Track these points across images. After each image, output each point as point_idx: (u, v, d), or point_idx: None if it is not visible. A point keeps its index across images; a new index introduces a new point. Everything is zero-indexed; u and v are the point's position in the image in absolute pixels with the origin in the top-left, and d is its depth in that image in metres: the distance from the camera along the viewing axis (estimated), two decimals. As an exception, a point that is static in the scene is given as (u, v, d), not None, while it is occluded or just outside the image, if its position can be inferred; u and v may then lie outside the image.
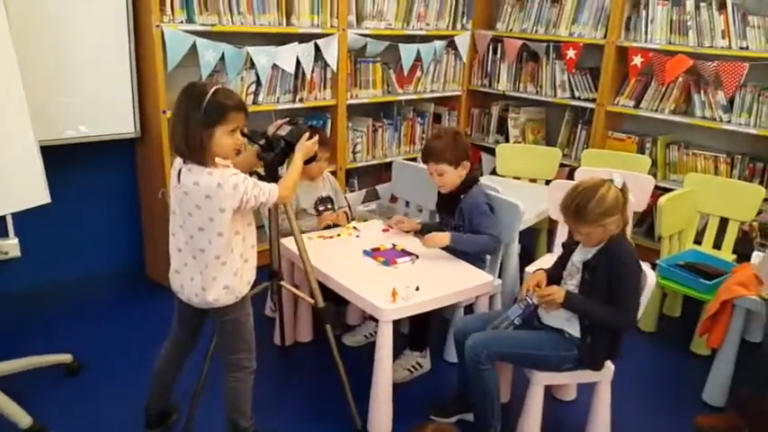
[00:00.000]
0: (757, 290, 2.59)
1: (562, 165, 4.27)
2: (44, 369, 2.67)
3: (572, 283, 2.31)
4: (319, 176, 3.16)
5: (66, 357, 2.73)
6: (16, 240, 3.27)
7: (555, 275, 2.40)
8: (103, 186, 3.59)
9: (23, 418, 2.33)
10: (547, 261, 3.00)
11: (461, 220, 2.85)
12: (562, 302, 2.23)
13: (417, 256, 2.74)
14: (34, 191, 2.60)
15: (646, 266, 2.34)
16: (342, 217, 3.11)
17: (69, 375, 2.74)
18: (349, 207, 3.29)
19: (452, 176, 2.81)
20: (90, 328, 3.14)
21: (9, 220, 3.20)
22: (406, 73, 4.27)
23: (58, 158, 2.93)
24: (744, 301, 2.60)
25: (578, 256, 2.31)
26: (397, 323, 2.43)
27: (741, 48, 3.59)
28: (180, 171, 1.99)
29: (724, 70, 3.60)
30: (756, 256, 2.88)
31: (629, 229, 3.58)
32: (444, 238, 2.75)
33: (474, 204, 2.81)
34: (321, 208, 3.12)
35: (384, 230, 3.03)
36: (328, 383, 2.64)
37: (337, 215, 3.10)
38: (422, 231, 2.91)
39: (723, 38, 3.63)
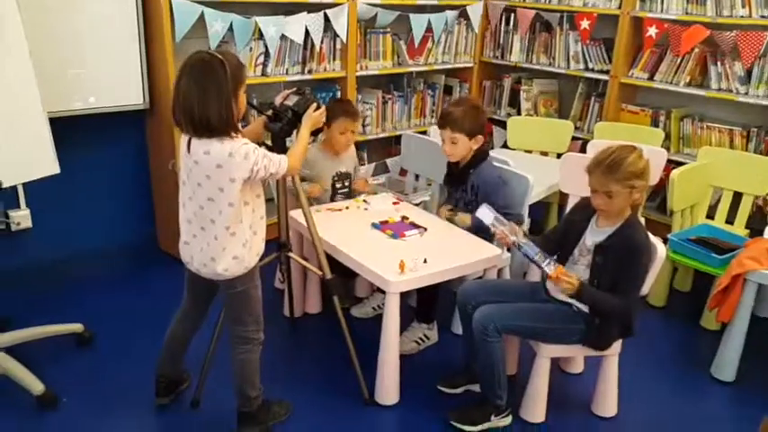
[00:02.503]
0: (769, 264, 2.56)
1: (574, 138, 4.22)
2: (56, 338, 2.71)
3: (582, 263, 2.29)
4: (345, 150, 3.11)
5: (77, 327, 2.77)
6: (27, 211, 3.30)
7: (565, 248, 2.36)
8: (114, 158, 3.59)
9: (36, 386, 2.37)
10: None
11: (474, 196, 2.84)
12: (573, 294, 2.17)
13: (426, 229, 2.73)
14: (44, 161, 2.61)
15: (656, 239, 2.32)
16: (361, 184, 3.16)
17: (81, 345, 2.77)
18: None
19: (464, 147, 2.79)
20: (101, 298, 3.17)
21: (20, 191, 3.23)
22: (416, 44, 4.21)
23: (68, 130, 2.94)
24: (756, 275, 2.57)
25: (590, 239, 2.28)
26: (404, 296, 2.44)
27: (762, 16, 3.49)
28: (190, 140, 1.98)
29: (743, 40, 3.51)
30: (770, 231, 2.85)
31: (641, 203, 3.57)
32: (467, 220, 2.79)
33: (489, 182, 2.79)
34: (338, 185, 3.10)
35: (394, 203, 3.03)
36: (336, 355, 2.66)
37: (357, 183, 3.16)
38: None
39: (743, 6, 3.53)
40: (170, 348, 2.38)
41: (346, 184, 3.12)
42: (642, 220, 3.46)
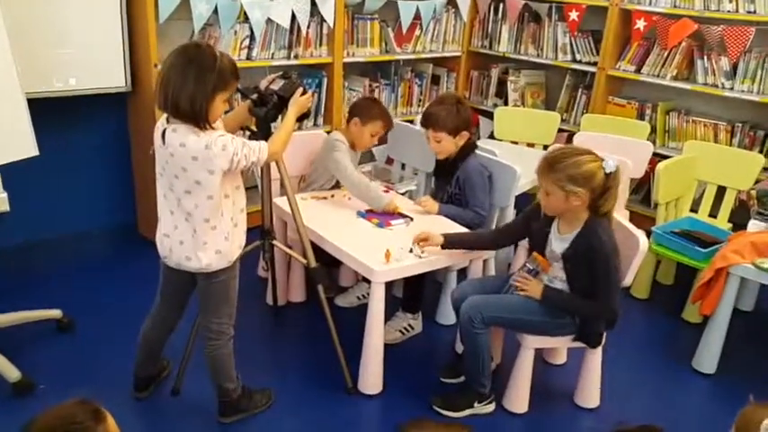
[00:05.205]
0: (752, 258, 2.58)
1: (561, 129, 4.21)
2: (34, 324, 2.66)
3: (558, 265, 2.29)
4: (365, 149, 3.09)
5: (55, 313, 2.72)
6: (5, 194, 3.21)
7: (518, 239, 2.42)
8: (94, 141, 3.52)
9: (12, 372, 2.32)
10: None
11: (458, 189, 2.83)
12: (540, 299, 2.24)
13: (412, 219, 2.71)
14: (22, 143, 2.55)
15: (639, 231, 2.32)
16: None
17: (59, 331, 2.72)
18: None
19: (449, 145, 2.80)
20: (80, 284, 3.12)
21: (-3, 174, 3.15)
22: (404, 31, 4.17)
23: (48, 111, 2.87)
24: (738, 269, 2.58)
25: (557, 245, 2.27)
26: (389, 285, 2.42)
27: (748, 11, 3.51)
28: (164, 131, 1.92)
29: (729, 35, 3.52)
30: (753, 225, 2.87)
31: (625, 197, 3.58)
32: (434, 206, 2.79)
33: (472, 175, 2.80)
34: None
35: (384, 191, 3.00)
36: (320, 344, 2.64)
37: None
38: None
39: (730, 1, 3.55)
40: (145, 351, 2.32)
41: None
42: (626, 214, 3.50)
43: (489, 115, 4.48)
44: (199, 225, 1.97)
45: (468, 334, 2.28)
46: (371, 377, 2.47)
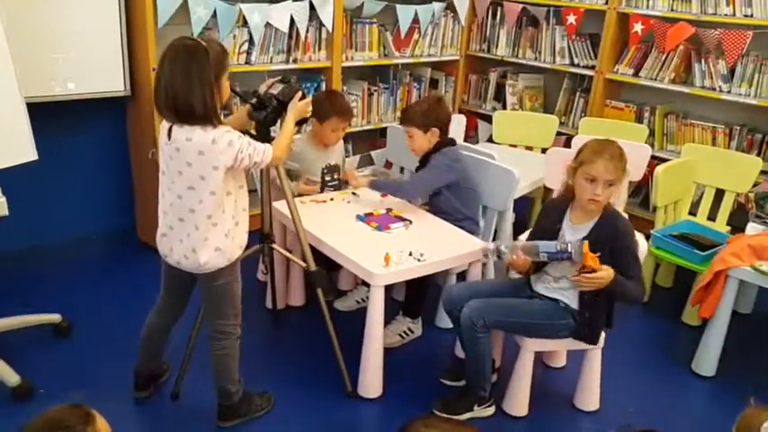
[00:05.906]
0: (751, 261, 2.58)
1: (559, 133, 4.22)
2: (33, 328, 2.66)
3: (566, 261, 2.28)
4: (334, 145, 3.13)
5: (54, 317, 2.71)
6: (3, 199, 3.21)
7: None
8: (93, 145, 3.52)
9: (11, 377, 2.32)
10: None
11: None
12: (610, 283, 2.14)
13: (411, 222, 2.72)
14: (21, 147, 2.54)
15: (638, 235, 2.33)
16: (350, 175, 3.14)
17: (58, 335, 2.72)
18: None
19: (420, 140, 2.84)
20: (79, 288, 3.12)
21: (-5, 178, 3.14)
22: (403, 35, 4.18)
23: (47, 116, 2.86)
24: (737, 271, 2.59)
25: (571, 235, 2.27)
26: (389, 289, 2.42)
27: (745, 15, 3.52)
28: (171, 128, 1.93)
29: (727, 38, 3.53)
30: (751, 228, 2.87)
31: (623, 198, 3.58)
32: (363, 181, 2.91)
33: (433, 159, 2.82)
34: (328, 178, 3.06)
35: (383, 196, 3.00)
36: (320, 347, 2.63)
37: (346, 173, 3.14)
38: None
39: (728, 5, 3.56)
40: (148, 345, 2.32)
41: (336, 176, 3.07)
42: (625, 216, 3.50)
43: (488, 119, 4.49)
44: (200, 221, 1.97)
45: (469, 338, 2.28)
46: (371, 381, 2.47)
